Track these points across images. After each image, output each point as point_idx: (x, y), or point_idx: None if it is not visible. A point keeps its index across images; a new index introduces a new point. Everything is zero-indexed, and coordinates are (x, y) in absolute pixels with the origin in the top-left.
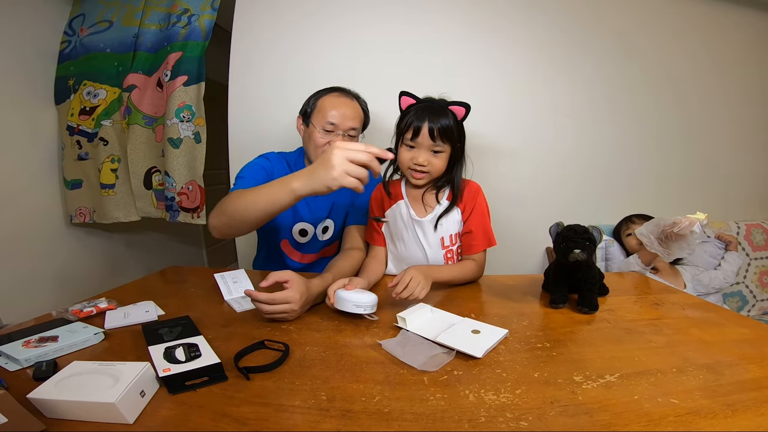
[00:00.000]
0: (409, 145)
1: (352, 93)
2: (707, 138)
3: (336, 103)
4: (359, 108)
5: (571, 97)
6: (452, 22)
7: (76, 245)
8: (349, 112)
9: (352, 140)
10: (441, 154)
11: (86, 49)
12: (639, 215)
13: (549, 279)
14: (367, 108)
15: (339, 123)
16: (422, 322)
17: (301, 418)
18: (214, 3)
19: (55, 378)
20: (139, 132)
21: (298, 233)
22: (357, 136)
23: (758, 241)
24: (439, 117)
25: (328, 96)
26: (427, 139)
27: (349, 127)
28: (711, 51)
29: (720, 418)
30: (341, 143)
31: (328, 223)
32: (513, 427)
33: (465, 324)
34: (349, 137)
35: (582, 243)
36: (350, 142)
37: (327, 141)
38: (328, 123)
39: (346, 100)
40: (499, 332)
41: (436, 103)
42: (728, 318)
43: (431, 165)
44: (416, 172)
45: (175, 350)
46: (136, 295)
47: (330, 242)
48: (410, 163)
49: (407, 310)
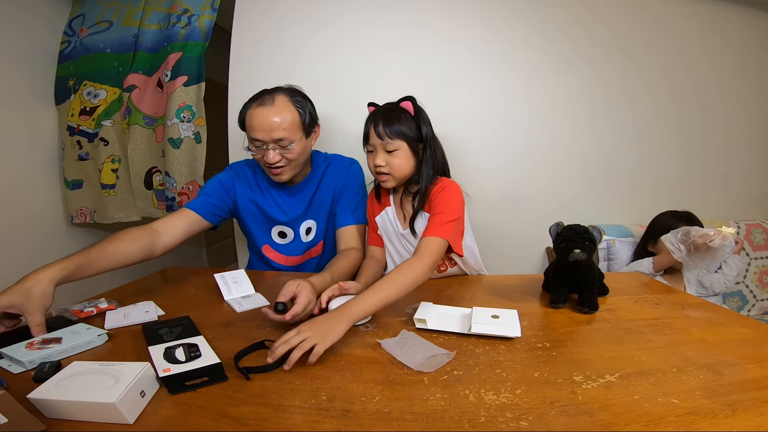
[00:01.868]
0: (368, 150)
1: (279, 91)
2: (707, 138)
3: (253, 116)
4: (287, 109)
5: (571, 98)
6: (452, 24)
7: (76, 245)
8: (268, 123)
9: (286, 150)
10: (397, 152)
11: (86, 49)
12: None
13: (549, 279)
14: (304, 103)
15: (262, 138)
16: (439, 320)
17: (301, 418)
18: (213, 3)
19: (55, 378)
20: (140, 132)
21: (277, 235)
22: (293, 143)
23: (758, 241)
24: (385, 116)
25: (249, 109)
26: (377, 140)
27: (274, 140)
28: (710, 51)
29: (720, 418)
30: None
31: (310, 223)
32: (513, 427)
33: (480, 312)
34: (281, 148)
35: (582, 243)
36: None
37: (260, 155)
38: (252, 139)
39: (265, 110)
40: (513, 312)
41: (383, 105)
42: (728, 318)
43: (390, 165)
44: (379, 174)
45: (175, 350)
46: (136, 295)
47: (314, 243)
48: (372, 168)
49: (418, 312)
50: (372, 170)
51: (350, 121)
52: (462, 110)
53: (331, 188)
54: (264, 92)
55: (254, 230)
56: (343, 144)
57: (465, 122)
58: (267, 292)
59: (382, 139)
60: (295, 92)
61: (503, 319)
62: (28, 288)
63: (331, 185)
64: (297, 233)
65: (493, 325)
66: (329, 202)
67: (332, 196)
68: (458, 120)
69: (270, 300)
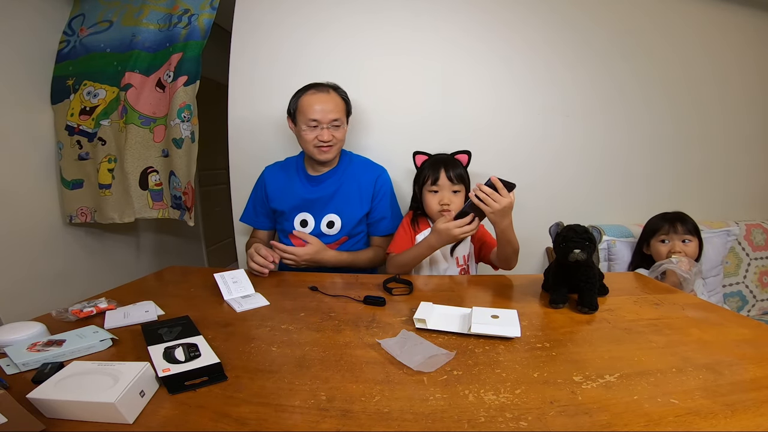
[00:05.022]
0: (433, 190)
1: (329, 85)
2: (707, 138)
3: (313, 100)
4: (337, 98)
5: (571, 98)
6: (451, 26)
7: (75, 245)
8: (327, 107)
9: (337, 129)
10: (459, 194)
11: (86, 49)
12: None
13: (549, 279)
14: (347, 96)
15: (320, 118)
16: (439, 320)
17: (301, 418)
18: (213, 2)
19: (55, 378)
20: (135, 132)
21: (299, 224)
22: (342, 125)
23: (758, 241)
24: (453, 164)
25: (306, 95)
26: (446, 182)
27: (330, 120)
28: (711, 51)
29: (720, 418)
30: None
31: (333, 217)
32: (513, 427)
33: (480, 312)
34: (333, 128)
35: (582, 243)
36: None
37: (315, 135)
38: (311, 120)
39: (323, 96)
40: (513, 313)
41: (444, 155)
42: (728, 318)
43: (453, 204)
44: (443, 210)
45: (175, 350)
46: (136, 295)
47: (337, 238)
48: (437, 204)
49: (418, 312)
50: (436, 206)
51: (351, 119)
52: (462, 111)
53: (357, 187)
54: (315, 84)
55: (286, 216)
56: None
57: (465, 123)
58: (267, 292)
59: (452, 182)
60: (338, 87)
61: (503, 319)
62: None
63: (357, 185)
64: (318, 223)
65: (493, 325)
66: (357, 201)
67: (362, 197)
68: (458, 121)
69: (270, 300)
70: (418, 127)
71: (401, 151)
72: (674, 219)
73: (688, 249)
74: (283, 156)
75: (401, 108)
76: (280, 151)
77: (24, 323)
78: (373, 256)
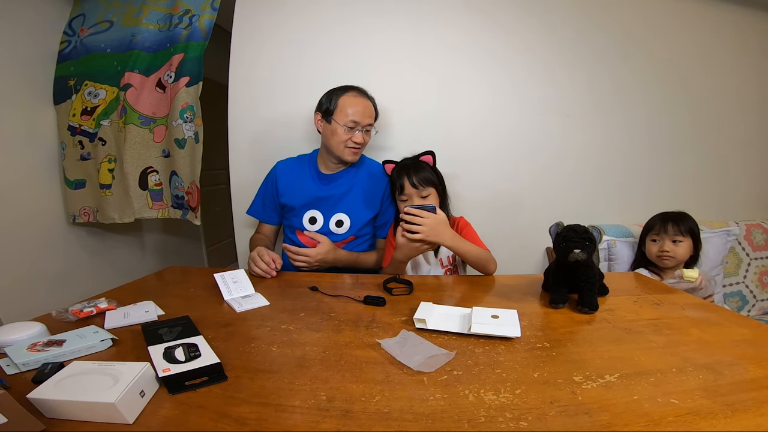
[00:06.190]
0: (403, 199)
1: (367, 92)
2: (708, 137)
3: (355, 103)
4: (372, 106)
5: (572, 99)
6: (450, 28)
7: (76, 245)
8: (367, 111)
9: (368, 134)
10: (429, 197)
11: (87, 49)
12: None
13: (549, 279)
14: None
15: (360, 120)
16: (438, 320)
17: (301, 418)
18: (213, 3)
19: (55, 378)
20: (135, 132)
21: (308, 221)
22: (371, 131)
23: (758, 241)
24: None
25: (348, 95)
26: (411, 189)
27: (367, 124)
28: (711, 51)
29: (720, 418)
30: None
31: (342, 216)
32: (513, 427)
33: (480, 312)
34: (366, 132)
35: (582, 243)
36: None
37: (349, 137)
38: (351, 121)
39: (364, 100)
40: (513, 313)
41: (408, 159)
42: (728, 318)
43: None
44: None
45: (175, 350)
46: (136, 295)
47: (344, 237)
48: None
49: (418, 312)
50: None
51: None
52: (462, 112)
53: (368, 189)
54: (355, 86)
55: (295, 212)
56: None
57: (466, 124)
58: (267, 292)
59: (416, 188)
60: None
61: (503, 319)
62: None
63: (368, 186)
64: (326, 222)
65: (493, 326)
66: (366, 202)
67: (370, 198)
68: (459, 122)
69: (270, 300)
70: (419, 128)
71: (402, 152)
72: (668, 219)
73: (678, 249)
74: (284, 156)
75: (401, 108)
76: (281, 151)
77: (24, 323)
78: (379, 259)
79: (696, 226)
